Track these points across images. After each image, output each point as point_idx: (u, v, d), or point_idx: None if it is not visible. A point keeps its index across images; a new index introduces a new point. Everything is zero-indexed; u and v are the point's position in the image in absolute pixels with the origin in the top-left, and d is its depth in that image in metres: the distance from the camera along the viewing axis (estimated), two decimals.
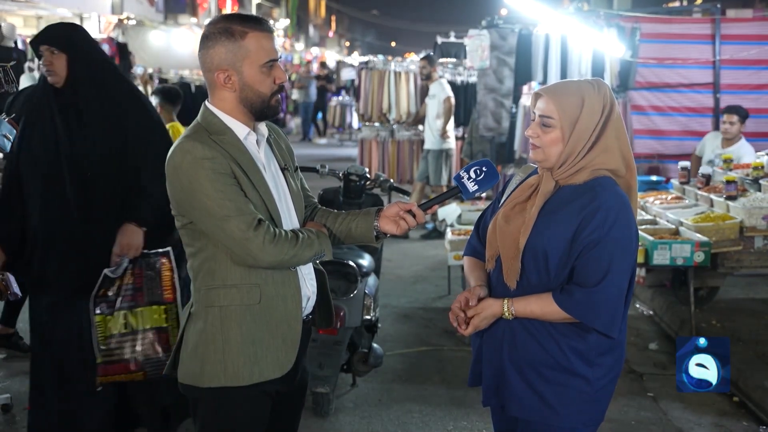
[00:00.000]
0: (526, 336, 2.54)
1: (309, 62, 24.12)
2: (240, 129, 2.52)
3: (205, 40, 2.49)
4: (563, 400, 2.52)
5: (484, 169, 2.60)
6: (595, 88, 2.51)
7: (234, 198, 2.40)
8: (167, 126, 6.42)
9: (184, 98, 7.30)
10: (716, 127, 8.03)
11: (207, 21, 4.27)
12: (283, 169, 2.64)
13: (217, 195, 2.38)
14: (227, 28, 2.46)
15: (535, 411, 2.54)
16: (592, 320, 2.43)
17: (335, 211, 2.76)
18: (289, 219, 2.60)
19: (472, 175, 2.59)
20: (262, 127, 2.60)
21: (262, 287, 2.49)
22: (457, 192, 2.63)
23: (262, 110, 2.53)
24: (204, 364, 2.50)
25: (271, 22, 36.29)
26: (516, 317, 2.52)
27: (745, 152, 6.96)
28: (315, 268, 2.72)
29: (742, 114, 7.06)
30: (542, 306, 2.47)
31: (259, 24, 2.49)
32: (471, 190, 2.59)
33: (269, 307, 2.50)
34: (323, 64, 24.21)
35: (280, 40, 36.06)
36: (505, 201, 2.67)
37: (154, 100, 6.57)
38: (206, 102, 2.57)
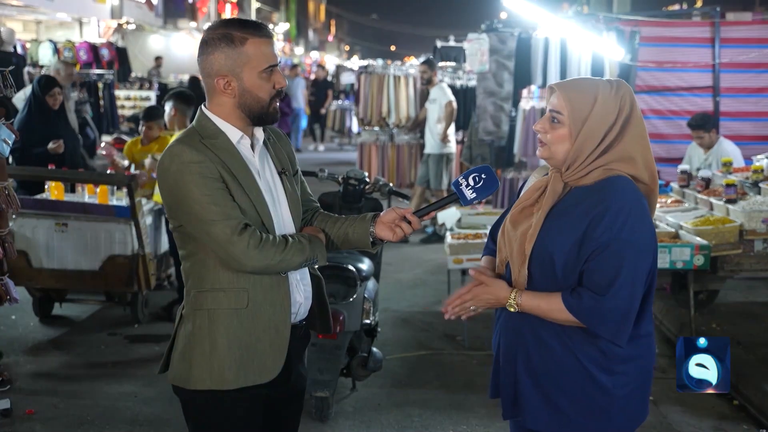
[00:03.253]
0: (540, 345, 2.44)
1: (296, 66, 23.26)
2: (233, 133, 2.52)
3: (205, 45, 2.50)
4: (582, 410, 2.41)
5: (483, 176, 2.53)
6: (613, 88, 2.39)
7: (220, 202, 2.40)
8: (180, 131, 6.28)
9: None
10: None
11: (206, 25, 4.27)
12: (280, 173, 2.63)
13: (203, 199, 2.39)
14: (227, 35, 2.46)
15: (553, 423, 2.44)
16: (597, 326, 2.33)
17: (335, 215, 2.75)
18: (283, 223, 2.59)
19: (471, 182, 2.53)
20: (258, 131, 2.60)
21: (250, 292, 2.49)
22: (454, 199, 2.59)
23: (261, 116, 2.53)
24: (192, 366, 2.51)
25: (271, 26, 36.37)
26: (520, 311, 2.42)
27: (725, 150, 6.94)
28: (312, 274, 2.71)
29: (708, 126, 7.04)
30: (550, 303, 2.36)
31: (258, 30, 2.49)
32: (468, 198, 2.53)
33: (257, 312, 2.50)
34: (321, 67, 23.40)
35: (279, 44, 36.04)
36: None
37: (167, 105, 6.44)
38: (202, 106, 2.57)
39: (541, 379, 2.44)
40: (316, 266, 2.64)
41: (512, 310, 2.43)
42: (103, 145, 6.68)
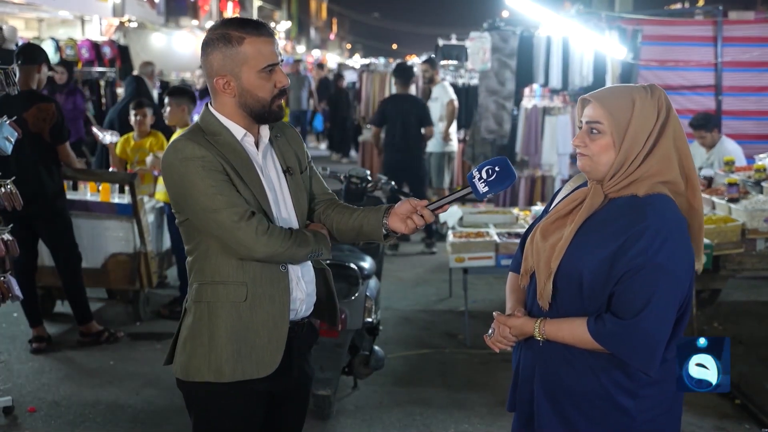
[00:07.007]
0: (560, 363, 2.33)
1: (298, 62, 22.52)
2: (236, 130, 2.54)
3: (205, 46, 2.52)
4: None
5: (496, 168, 2.41)
6: (648, 92, 2.29)
7: (225, 192, 2.43)
8: (181, 129, 6.24)
9: None
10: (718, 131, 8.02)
11: (208, 23, 4.27)
12: (284, 172, 2.64)
13: (208, 189, 2.42)
14: (225, 34, 2.47)
15: None
16: (627, 355, 2.21)
17: (351, 206, 2.74)
18: (287, 220, 2.60)
19: (484, 175, 2.41)
20: (264, 129, 2.61)
21: (249, 286, 2.51)
22: (468, 192, 2.49)
23: (263, 115, 2.54)
24: (191, 358, 2.54)
25: (272, 24, 36.35)
26: (548, 340, 2.33)
27: (727, 149, 6.94)
28: (317, 268, 2.72)
29: (710, 126, 7.02)
30: (573, 331, 2.26)
31: (257, 29, 2.48)
32: (481, 192, 2.43)
33: (255, 306, 2.51)
34: (321, 66, 23.02)
35: (281, 43, 35.95)
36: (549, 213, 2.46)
37: (166, 102, 6.41)
38: (208, 103, 2.59)
39: (559, 398, 2.33)
40: (322, 258, 2.64)
41: (541, 339, 2.34)
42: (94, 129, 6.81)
